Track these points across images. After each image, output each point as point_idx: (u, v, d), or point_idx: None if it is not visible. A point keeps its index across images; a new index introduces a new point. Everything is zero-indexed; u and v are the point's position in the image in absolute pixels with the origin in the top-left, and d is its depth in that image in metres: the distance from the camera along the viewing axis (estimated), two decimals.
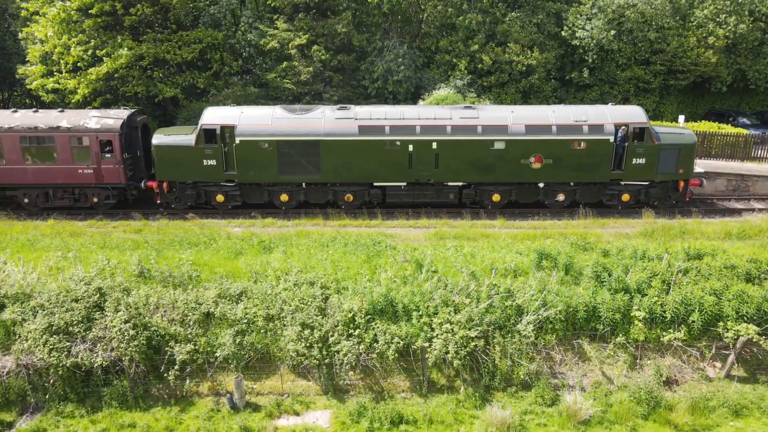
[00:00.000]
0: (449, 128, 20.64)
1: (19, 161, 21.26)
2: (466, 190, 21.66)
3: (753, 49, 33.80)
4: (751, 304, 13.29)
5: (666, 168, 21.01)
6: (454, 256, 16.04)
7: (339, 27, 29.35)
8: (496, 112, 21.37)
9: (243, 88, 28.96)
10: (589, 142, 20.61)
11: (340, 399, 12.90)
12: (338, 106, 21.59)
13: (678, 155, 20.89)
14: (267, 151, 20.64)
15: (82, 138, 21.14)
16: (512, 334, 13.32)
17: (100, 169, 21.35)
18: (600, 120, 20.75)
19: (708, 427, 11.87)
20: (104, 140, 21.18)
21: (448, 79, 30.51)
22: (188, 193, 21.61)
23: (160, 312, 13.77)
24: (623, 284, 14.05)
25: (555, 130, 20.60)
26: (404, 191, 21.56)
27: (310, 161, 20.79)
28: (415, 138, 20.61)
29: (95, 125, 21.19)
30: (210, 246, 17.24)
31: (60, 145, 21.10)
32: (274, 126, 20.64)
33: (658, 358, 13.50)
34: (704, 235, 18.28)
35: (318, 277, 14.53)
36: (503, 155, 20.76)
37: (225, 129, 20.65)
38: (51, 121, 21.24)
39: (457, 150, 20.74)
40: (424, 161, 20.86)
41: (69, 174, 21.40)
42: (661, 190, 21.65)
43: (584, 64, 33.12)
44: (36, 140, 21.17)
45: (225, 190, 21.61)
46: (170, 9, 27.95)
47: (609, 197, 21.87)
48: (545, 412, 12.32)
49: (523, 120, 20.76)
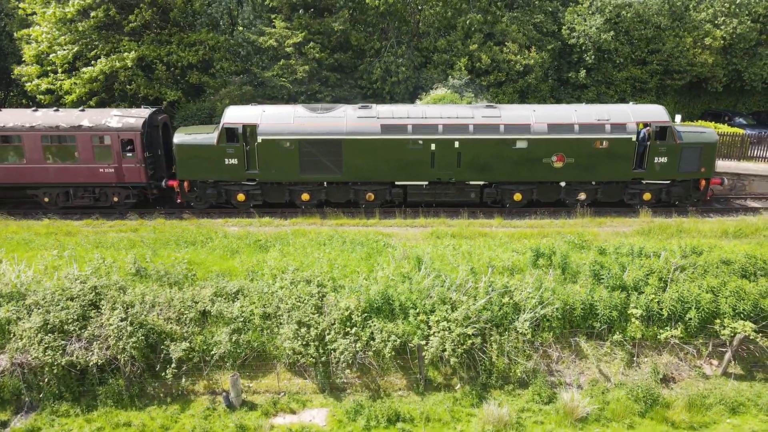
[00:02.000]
0: (471, 127, 20.67)
1: (40, 160, 21.28)
2: (488, 189, 21.69)
3: (749, 50, 33.92)
4: (748, 301, 13.30)
5: (688, 167, 21.00)
6: (452, 254, 16.03)
7: (336, 25, 29.34)
8: (517, 111, 21.41)
9: (240, 88, 28.93)
10: (611, 141, 20.62)
11: (337, 397, 12.86)
12: (359, 105, 21.65)
13: (700, 154, 20.88)
14: (289, 150, 20.65)
15: (103, 137, 21.16)
16: (509, 331, 13.31)
17: (122, 168, 21.36)
18: (622, 119, 20.78)
19: (705, 425, 11.86)
20: (126, 139, 21.19)
21: (446, 79, 30.51)
22: (209, 192, 21.61)
23: (156, 310, 13.71)
24: (620, 282, 14.05)
25: (577, 129, 20.63)
26: (426, 190, 21.55)
27: (332, 160, 20.79)
28: (437, 137, 20.63)
29: (117, 124, 21.22)
30: (206, 245, 17.20)
31: (81, 144, 21.13)
32: (296, 125, 20.64)
33: (655, 356, 13.49)
34: (701, 234, 18.31)
35: (315, 275, 14.49)
36: (525, 154, 20.79)
37: (247, 128, 20.68)
38: (72, 120, 21.27)
39: (479, 149, 20.78)
40: (446, 160, 20.88)
41: (90, 173, 21.42)
42: (682, 189, 21.62)
43: (581, 64, 33.18)
44: (57, 139, 21.23)
45: (246, 189, 21.60)
46: (169, 10, 27.91)
47: (630, 196, 21.85)
48: (542, 410, 12.30)
49: (546, 119, 20.80)
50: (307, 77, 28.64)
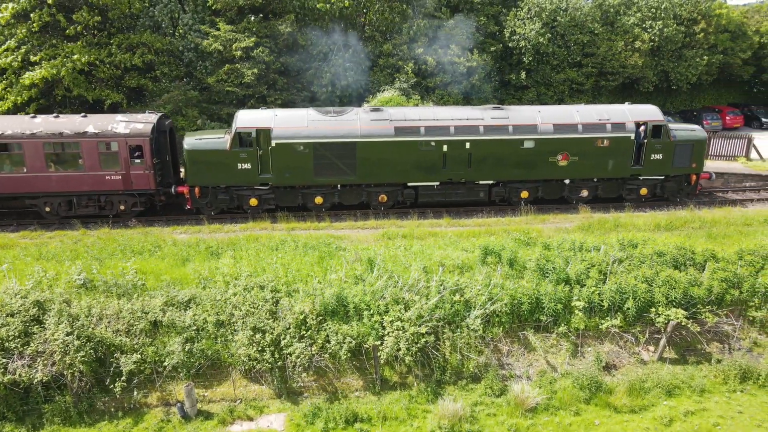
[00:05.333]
0: (482, 128, 21.25)
1: (42, 168, 20.26)
2: (496, 188, 22.37)
3: (675, 52, 36.04)
4: (679, 290, 14.23)
5: (680, 163, 22.46)
6: (404, 254, 16.34)
7: (282, 27, 29.20)
8: (524, 112, 22.22)
9: (184, 92, 28.35)
10: (611, 139, 21.77)
11: (294, 401, 12.91)
12: (371, 108, 21.91)
13: (691, 150, 22.37)
14: (303, 153, 20.58)
15: (110, 143, 20.38)
16: (461, 328, 13.72)
17: (129, 176, 20.66)
18: (621, 118, 21.98)
19: (644, 408, 12.62)
20: (134, 145, 20.51)
21: (393, 82, 30.92)
22: (221, 197, 21.28)
23: (104, 323, 13.33)
24: (564, 276, 14.74)
25: (581, 128, 21.65)
26: (437, 191, 21.97)
27: (346, 162, 20.85)
28: (449, 138, 21.07)
29: (124, 130, 20.47)
30: (155, 253, 16.83)
31: (87, 151, 20.28)
32: (310, 128, 20.59)
33: (598, 345, 14.23)
34: (636, 228, 19.39)
35: (268, 280, 14.46)
36: (532, 153, 21.61)
37: (260, 132, 20.45)
38: (76, 126, 20.39)
39: (489, 149, 21.40)
40: (457, 161, 21.36)
41: (96, 181, 20.59)
42: (675, 184, 23.08)
43: (522, 66, 34.34)
44: (61, 146, 20.28)
45: (258, 194, 21.37)
46: (108, 10, 27.04)
47: (628, 192, 23.11)
48: (494, 403, 12.75)
49: (551, 119, 21.70)
50: (255, 81, 28.38)
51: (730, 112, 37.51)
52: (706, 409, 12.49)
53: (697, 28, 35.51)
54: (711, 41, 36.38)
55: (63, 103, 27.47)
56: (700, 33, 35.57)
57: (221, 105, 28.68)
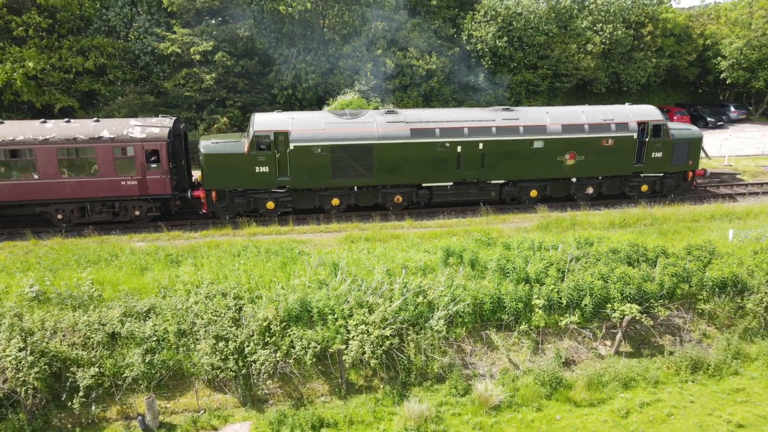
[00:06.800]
0: (494, 129, 21.78)
1: (55, 175, 19.59)
2: (507, 187, 22.91)
3: (625, 54, 37.31)
4: (633, 285, 14.77)
5: (679, 160, 23.62)
6: (367, 257, 16.39)
7: (241, 31, 28.86)
8: (533, 113, 22.81)
9: (140, 97, 27.67)
10: (616, 139, 22.70)
11: (259, 409, 12.79)
12: (385, 111, 22.11)
13: (688, 149, 23.56)
14: (321, 156, 20.66)
15: (126, 148, 19.93)
16: (425, 330, 13.86)
17: (145, 180, 20.27)
18: (624, 118, 22.89)
19: (602, 401, 13.03)
20: (150, 150, 20.12)
21: (353, 84, 30.95)
22: (238, 201, 21.09)
23: (59, 336, 12.92)
24: (524, 275, 15.07)
25: (587, 128, 22.46)
26: (450, 191, 22.36)
27: (363, 164, 21.03)
28: (463, 139, 21.52)
29: (140, 134, 20.03)
30: (112, 263, 16.38)
31: (102, 156, 19.77)
32: (328, 131, 20.66)
33: (557, 342, 14.61)
34: (591, 226, 20.00)
35: (231, 287, 14.29)
36: (542, 153, 22.29)
37: (279, 135, 20.41)
38: (90, 131, 19.82)
39: (501, 149, 21.97)
40: (471, 161, 21.84)
41: (111, 186, 20.10)
42: (673, 180, 24.21)
43: (480, 68, 34.89)
44: (75, 152, 19.63)
45: (276, 197, 21.28)
46: (57, 12, 26.16)
47: (630, 188, 24.10)
48: (459, 402, 12.94)
49: (559, 120, 22.42)
50: (214, 85, 27.96)
51: (677, 112, 39.07)
52: (660, 399, 12.99)
53: (644, 31, 36.86)
54: (658, 44, 37.84)
55: (11, 107, 26.41)
56: (648, 36, 36.94)
57: (179, 109, 28.14)
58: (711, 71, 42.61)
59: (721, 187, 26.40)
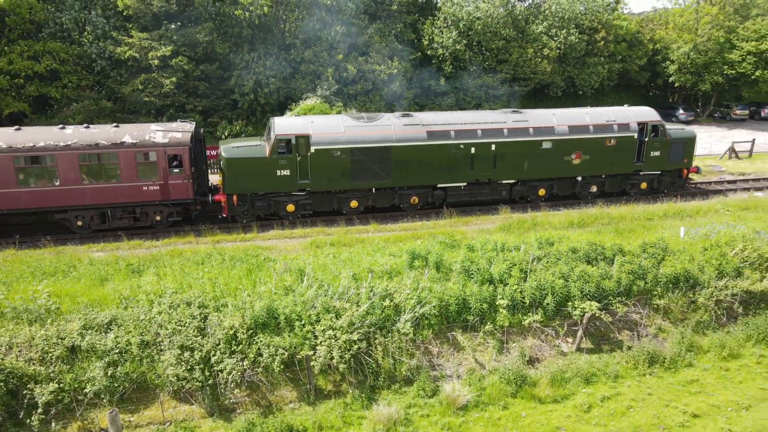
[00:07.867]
0: (506, 131, 22.46)
1: (76, 181, 19.06)
2: (516, 187, 23.63)
3: (579, 59, 38.48)
4: (592, 284, 15.25)
5: (675, 159, 24.93)
6: (333, 262, 16.41)
7: (200, 36, 28.47)
8: (540, 115, 23.61)
9: (96, 102, 26.95)
10: (618, 139, 23.78)
11: (227, 419, 12.64)
12: (401, 114, 22.43)
13: (684, 147, 24.85)
14: (340, 158, 20.89)
15: (148, 153, 19.55)
16: (392, 333, 13.97)
17: (168, 185, 19.96)
18: (626, 119, 23.99)
19: (566, 397, 13.41)
20: (172, 154, 19.80)
21: (315, 89, 30.92)
22: (258, 204, 21.05)
23: (14, 352, 12.47)
24: (488, 276, 15.37)
25: (592, 129, 23.44)
26: (464, 191, 22.97)
27: (381, 167, 21.33)
28: (477, 141, 22.16)
29: (162, 139, 19.64)
30: (69, 274, 15.91)
31: (124, 162, 19.37)
32: (347, 134, 20.93)
33: (522, 341, 14.95)
34: (552, 226, 20.54)
35: (195, 296, 14.07)
36: (550, 153, 23.13)
37: (300, 138, 20.50)
38: (112, 136, 19.30)
39: (513, 150, 22.71)
40: (484, 162, 22.48)
41: (133, 192, 19.74)
42: (670, 178, 25.48)
43: (441, 73, 35.37)
44: (97, 157, 19.11)
45: (296, 200, 21.36)
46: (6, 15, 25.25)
47: (631, 186, 25.20)
48: (427, 404, 13.09)
49: (566, 121, 23.31)
50: (174, 89, 27.47)
51: None
52: (620, 393, 13.46)
53: (597, 37, 38.09)
54: (611, 49, 39.17)
55: None
56: (601, 41, 38.19)
57: (137, 115, 27.54)
58: (660, 75, 44.33)
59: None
